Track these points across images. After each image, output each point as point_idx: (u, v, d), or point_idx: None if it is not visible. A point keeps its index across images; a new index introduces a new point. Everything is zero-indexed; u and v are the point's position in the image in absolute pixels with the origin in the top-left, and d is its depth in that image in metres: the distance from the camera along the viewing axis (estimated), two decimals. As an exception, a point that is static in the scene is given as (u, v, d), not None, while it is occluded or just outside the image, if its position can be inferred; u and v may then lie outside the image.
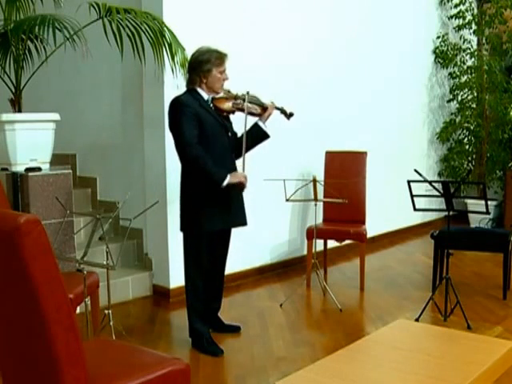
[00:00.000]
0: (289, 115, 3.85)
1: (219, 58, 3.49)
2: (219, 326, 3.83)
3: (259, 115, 3.69)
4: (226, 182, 3.40)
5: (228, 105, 3.57)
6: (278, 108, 3.79)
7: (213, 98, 3.55)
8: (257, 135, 3.68)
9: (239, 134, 3.68)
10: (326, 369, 2.41)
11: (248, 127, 3.62)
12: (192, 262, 3.55)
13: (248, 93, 3.62)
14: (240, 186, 3.51)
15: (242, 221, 3.68)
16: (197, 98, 3.49)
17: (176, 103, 3.46)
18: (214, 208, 3.48)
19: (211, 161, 3.38)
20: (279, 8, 5.19)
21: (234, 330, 3.86)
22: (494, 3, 6.99)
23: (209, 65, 3.46)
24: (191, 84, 3.55)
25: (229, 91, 3.62)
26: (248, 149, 3.63)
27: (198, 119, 3.40)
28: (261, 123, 3.69)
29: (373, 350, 2.67)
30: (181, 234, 3.60)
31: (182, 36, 4.14)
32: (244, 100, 3.59)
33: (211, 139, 3.45)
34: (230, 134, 3.61)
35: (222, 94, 3.58)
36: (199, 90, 3.52)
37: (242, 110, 3.60)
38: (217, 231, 3.58)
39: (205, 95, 3.53)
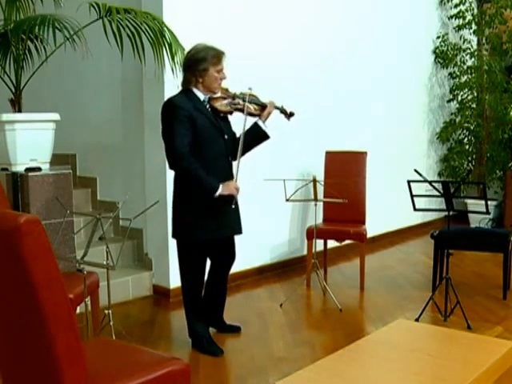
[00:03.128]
0: (289, 115, 3.74)
1: (216, 56, 3.36)
2: (221, 327, 3.83)
3: (258, 115, 3.58)
4: (218, 193, 3.30)
5: (225, 105, 3.46)
6: (277, 107, 3.69)
7: (209, 98, 3.44)
8: (257, 136, 3.58)
9: (238, 135, 3.61)
10: (325, 369, 2.41)
11: (248, 127, 3.58)
12: (185, 268, 3.52)
13: (247, 92, 3.53)
14: (230, 199, 3.39)
15: (235, 230, 3.57)
16: (192, 98, 3.37)
17: (169, 105, 3.35)
18: (204, 217, 3.39)
19: (202, 170, 3.27)
20: (279, 8, 5.19)
21: (235, 330, 3.87)
22: (494, 3, 6.99)
23: (205, 64, 3.33)
24: (186, 84, 3.42)
25: (227, 90, 3.51)
26: (247, 150, 3.58)
27: (192, 122, 3.29)
28: (261, 123, 3.57)
29: (373, 349, 2.67)
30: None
31: (182, 36, 4.13)
32: (243, 100, 3.50)
33: (205, 142, 3.35)
34: (226, 136, 3.48)
35: (219, 94, 3.46)
36: (195, 90, 3.39)
37: (240, 110, 3.50)
38: (216, 240, 3.52)
39: (201, 95, 3.40)
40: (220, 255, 3.66)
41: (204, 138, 3.35)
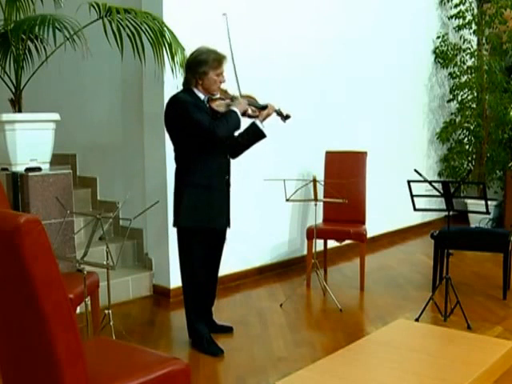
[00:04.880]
0: (285, 117, 3.78)
1: (217, 59, 3.45)
2: (211, 328, 3.76)
3: (256, 117, 3.65)
4: (241, 118, 3.47)
5: (223, 106, 3.53)
6: (275, 110, 3.73)
7: (209, 99, 3.52)
8: (254, 134, 3.65)
9: (236, 134, 3.64)
10: (326, 369, 2.42)
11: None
12: (186, 261, 3.53)
13: (245, 94, 3.59)
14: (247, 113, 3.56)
15: (228, 222, 3.63)
16: (193, 97, 3.45)
17: (176, 101, 3.45)
18: (203, 205, 3.43)
19: (225, 121, 3.38)
20: (279, 9, 5.19)
21: (227, 330, 3.84)
22: (493, 3, 6.99)
23: (205, 67, 3.42)
24: (187, 84, 3.51)
25: (226, 91, 3.59)
26: (245, 148, 3.65)
27: None
28: (258, 122, 3.64)
29: (373, 350, 2.68)
30: (181, 234, 3.59)
31: (182, 36, 4.14)
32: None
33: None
34: None
35: (218, 95, 3.55)
36: (195, 90, 3.48)
37: None
38: (212, 232, 3.54)
39: (201, 95, 3.49)
40: (209, 249, 3.62)
41: None
